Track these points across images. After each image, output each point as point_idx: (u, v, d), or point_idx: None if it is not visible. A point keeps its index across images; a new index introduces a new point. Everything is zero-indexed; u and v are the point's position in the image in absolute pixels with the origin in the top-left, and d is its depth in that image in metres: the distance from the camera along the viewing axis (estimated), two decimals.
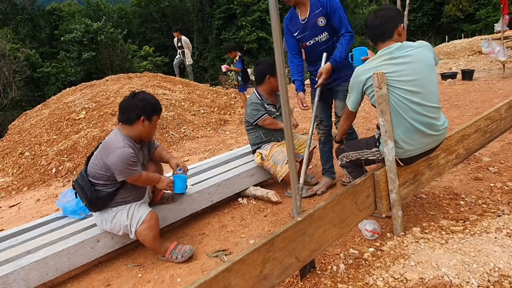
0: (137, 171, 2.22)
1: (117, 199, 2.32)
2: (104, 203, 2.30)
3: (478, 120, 2.70)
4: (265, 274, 1.56)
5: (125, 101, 2.29)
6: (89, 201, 2.26)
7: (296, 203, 1.79)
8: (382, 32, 2.09)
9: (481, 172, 2.97)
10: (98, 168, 2.24)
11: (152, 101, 2.32)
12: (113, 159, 2.15)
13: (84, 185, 2.26)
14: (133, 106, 2.24)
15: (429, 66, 2.03)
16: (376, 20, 2.10)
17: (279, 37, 1.56)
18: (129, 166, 2.17)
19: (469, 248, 1.72)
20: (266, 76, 3.15)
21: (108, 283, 2.29)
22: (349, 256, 2.06)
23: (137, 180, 2.26)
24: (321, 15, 2.74)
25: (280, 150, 3.10)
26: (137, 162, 2.23)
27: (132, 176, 2.21)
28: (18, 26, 29.46)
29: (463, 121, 4.55)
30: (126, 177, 2.20)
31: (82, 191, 2.26)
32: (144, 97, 2.30)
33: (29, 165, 5.14)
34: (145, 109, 2.26)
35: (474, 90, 6.69)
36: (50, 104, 7.84)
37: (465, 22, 31.59)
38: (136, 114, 2.24)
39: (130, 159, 2.17)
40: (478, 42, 14.31)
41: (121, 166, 2.15)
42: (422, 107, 1.99)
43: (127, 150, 2.17)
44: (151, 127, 2.33)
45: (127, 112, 2.25)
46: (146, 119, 2.27)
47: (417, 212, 2.47)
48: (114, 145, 2.19)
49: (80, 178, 2.31)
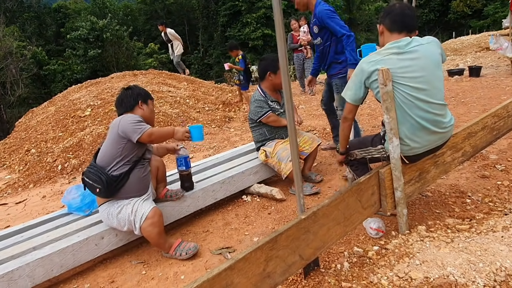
0: (147, 126, 2.31)
1: (124, 191, 2.31)
2: (119, 185, 2.29)
3: (485, 117, 2.66)
4: (268, 272, 1.56)
5: (119, 97, 2.48)
6: (105, 184, 2.23)
7: (300, 200, 1.78)
8: (410, 23, 2.05)
9: (488, 170, 2.94)
10: (110, 148, 2.29)
11: (142, 89, 2.54)
12: (123, 122, 2.28)
13: (96, 170, 2.26)
14: (128, 96, 2.44)
15: (436, 62, 2.00)
16: (408, 10, 2.07)
17: (282, 34, 1.55)
18: (139, 122, 2.29)
19: (475, 247, 1.70)
20: (267, 73, 3.14)
21: (112, 279, 2.30)
22: (353, 254, 2.04)
23: (151, 135, 2.28)
24: (316, 24, 3.42)
25: (285, 147, 3.09)
26: (144, 121, 2.35)
27: (145, 131, 2.26)
28: (24, 24, 29.65)
29: (470, 118, 4.50)
30: (140, 134, 2.25)
31: (95, 176, 2.24)
32: (135, 86, 2.52)
33: (35, 162, 5.17)
34: (140, 94, 2.47)
35: (482, 87, 6.61)
36: (56, 102, 7.89)
37: (472, 18, 31.27)
38: (134, 100, 2.43)
39: (138, 118, 2.32)
40: (486, 38, 14.13)
41: (131, 123, 2.26)
42: (427, 104, 1.96)
43: (131, 115, 2.36)
44: (150, 110, 2.51)
45: (124, 103, 2.44)
46: (143, 102, 2.46)
47: (422, 210, 2.44)
48: (118, 119, 2.34)
49: (90, 167, 2.31)
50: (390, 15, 2.07)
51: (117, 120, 2.32)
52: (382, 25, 2.13)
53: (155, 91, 7.35)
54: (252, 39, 30.39)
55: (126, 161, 2.30)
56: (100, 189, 2.25)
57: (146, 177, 2.44)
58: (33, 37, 28.98)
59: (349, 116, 2.21)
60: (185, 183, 2.82)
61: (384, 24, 2.11)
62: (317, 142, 3.27)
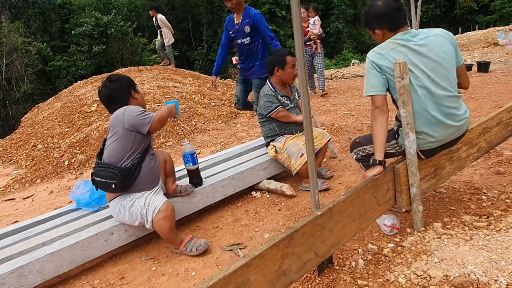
0: (152, 114, 2.26)
1: (137, 182, 2.27)
2: (134, 176, 2.25)
3: (500, 113, 2.60)
4: (284, 270, 1.52)
5: (106, 91, 2.30)
6: (121, 177, 2.19)
7: (315, 196, 1.74)
8: (405, 15, 1.98)
9: (503, 166, 2.88)
10: (120, 144, 2.21)
11: (125, 76, 2.41)
12: (127, 117, 2.19)
13: (107, 166, 2.21)
14: (119, 89, 2.30)
15: (445, 53, 1.94)
16: (397, 2, 1.97)
17: (299, 26, 1.50)
18: (143, 113, 2.23)
19: (495, 245, 1.66)
20: (275, 68, 3.10)
21: (122, 275, 2.28)
22: (368, 251, 2.00)
23: (159, 121, 2.27)
24: (248, 24, 3.76)
25: (295, 143, 3.05)
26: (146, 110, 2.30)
27: (153, 120, 2.23)
28: (29, 20, 29.68)
29: (482, 113, 4.43)
30: (150, 124, 2.21)
31: (108, 173, 2.20)
32: (117, 76, 2.37)
33: (42, 157, 5.17)
34: (128, 84, 2.35)
35: (492, 82, 6.52)
36: (62, 97, 7.89)
37: (479, 13, 30.94)
38: (127, 92, 2.32)
39: (140, 109, 2.24)
40: (493, 33, 13.97)
41: (137, 115, 2.20)
42: (439, 97, 1.91)
43: (133, 106, 2.27)
44: (141, 95, 2.44)
45: (117, 98, 2.29)
46: (135, 91, 2.37)
47: (437, 207, 2.40)
48: (121, 110, 2.23)
49: (98, 166, 2.26)
50: (386, 17, 1.97)
51: (118, 115, 2.22)
52: (380, 30, 2.03)
53: (161, 86, 7.32)
54: None
55: (137, 153, 2.27)
56: (116, 183, 2.21)
57: (157, 167, 2.42)
58: (38, 33, 29.03)
59: (380, 111, 1.93)
60: (194, 179, 2.79)
61: (382, 28, 2.02)
62: (327, 138, 3.23)
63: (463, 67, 2.08)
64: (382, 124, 1.94)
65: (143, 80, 7.55)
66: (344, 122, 5.20)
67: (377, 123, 1.95)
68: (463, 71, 2.09)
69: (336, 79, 10.43)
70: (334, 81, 10.03)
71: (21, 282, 2.04)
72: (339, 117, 5.58)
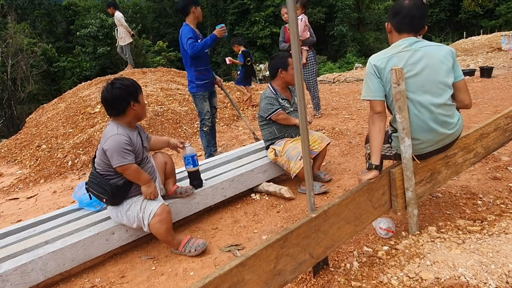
0: (128, 160, 2.21)
1: (132, 190, 2.35)
2: (124, 193, 2.32)
3: (497, 119, 2.63)
4: (279, 270, 1.56)
5: (106, 95, 2.25)
6: (111, 194, 2.27)
7: (311, 199, 1.78)
8: (418, 25, 1.99)
9: (500, 171, 2.91)
10: (103, 160, 2.26)
11: (130, 83, 2.31)
12: (108, 143, 2.18)
13: (99, 181, 2.28)
14: (118, 97, 2.23)
15: (443, 64, 1.96)
16: (417, 10, 1.97)
17: (296, 31, 1.55)
18: (122, 152, 2.18)
19: (487, 249, 1.69)
20: (279, 70, 3.14)
21: (122, 274, 2.32)
22: (363, 254, 2.04)
23: (127, 169, 2.22)
24: None
25: (294, 146, 3.09)
26: (130, 151, 2.22)
27: (123, 163, 2.19)
28: (35, 21, 29.92)
29: (481, 119, 4.45)
30: (118, 164, 2.19)
31: (99, 188, 2.28)
32: (122, 83, 2.27)
33: (46, 157, 5.24)
34: (130, 93, 2.27)
35: (493, 87, 6.54)
36: (66, 98, 7.97)
37: (484, 17, 30.84)
38: (125, 102, 2.25)
39: (124, 146, 2.19)
40: (498, 38, 13.96)
41: (115, 150, 2.17)
42: (433, 105, 1.94)
43: (121, 137, 2.20)
44: (141, 106, 2.35)
45: (115, 105, 2.25)
46: (135, 102, 2.29)
47: (433, 211, 2.43)
48: (110, 132, 2.23)
49: (92, 177, 2.34)
50: (398, 17, 2.01)
51: (108, 134, 2.23)
52: (390, 24, 2.08)
53: (164, 88, 7.39)
54: (260, 37, 30.36)
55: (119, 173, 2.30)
56: (107, 199, 2.31)
57: (152, 172, 2.46)
58: (43, 34, 29.24)
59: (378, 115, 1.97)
60: (194, 181, 2.83)
61: (392, 24, 2.06)
62: (327, 142, 3.27)
63: (463, 82, 2.04)
64: (380, 130, 1.99)
65: (147, 82, 7.62)
66: (345, 126, 5.24)
67: (375, 129, 2.00)
68: (463, 86, 2.05)
69: (338, 82, 10.47)
70: (336, 85, 10.07)
71: (24, 279, 2.09)
72: (340, 121, 5.61)
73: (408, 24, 2.00)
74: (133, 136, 2.33)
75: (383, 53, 2.01)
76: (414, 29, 2.01)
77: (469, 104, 2.11)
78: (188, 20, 3.79)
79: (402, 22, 2.01)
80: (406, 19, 1.99)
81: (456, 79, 2.02)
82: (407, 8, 1.98)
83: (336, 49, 33.57)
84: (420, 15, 1.98)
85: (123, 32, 8.83)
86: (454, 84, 2.01)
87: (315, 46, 5.85)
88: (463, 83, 2.05)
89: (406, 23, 2.00)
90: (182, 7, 3.78)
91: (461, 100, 2.07)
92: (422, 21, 2.01)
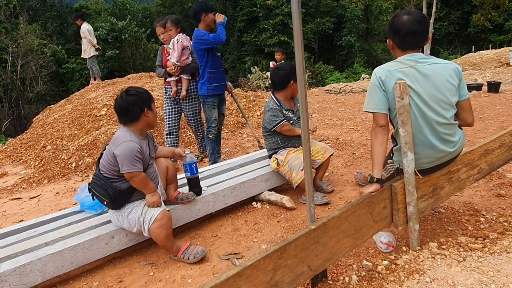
0: (138, 168, 2.25)
1: (134, 194, 2.36)
2: (126, 198, 2.34)
3: (503, 135, 2.62)
4: (276, 281, 1.55)
5: (121, 102, 2.29)
6: (112, 198, 2.28)
7: (311, 210, 1.77)
8: (421, 41, 1.95)
9: (504, 188, 2.88)
10: (110, 163, 2.28)
11: (144, 90, 2.39)
12: (120, 149, 2.22)
13: (103, 183, 2.30)
14: (132, 104, 2.28)
15: (448, 83, 1.94)
16: (418, 26, 1.91)
17: (300, 41, 1.56)
18: (133, 160, 2.22)
19: (487, 267, 1.67)
20: (290, 81, 3.13)
21: (120, 279, 2.32)
22: (362, 267, 2.02)
23: (135, 176, 2.25)
24: None
25: (296, 156, 3.09)
26: (140, 160, 2.26)
27: (132, 171, 2.22)
28: (46, 23, 30.33)
29: (487, 134, 4.42)
30: (127, 171, 2.22)
31: (102, 190, 2.29)
32: (136, 90, 2.34)
33: (50, 158, 5.27)
34: (144, 100, 2.33)
35: (500, 103, 6.50)
36: (73, 100, 8.04)
37: (493, 32, 30.81)
38: (140, 109, 2.30)
39: (135, 154, 2.23)
40: (506, 53, 13.93)
41: (126, 157, 2.20)
42: (436, 123, 1.94)
43: (134, 145, 2.25)
44: (154, 114, 2.41)
45: (129, 112, 2.29)
46: (148, 109, 2.34)
47: (434, 226, 2.41)
48: (123, 138, 2.27)
49: (96, 179, 2.35)
50: (399, 34, 1.95)
51: (120, 139, 2.26)
52: (391, 41, 2.03)
53: None
54: (268, 45, 30.51)
55: None
56: (108, 202, 2.32)
57: (154, 177, 2.47)
58: (54, 36, 29.60)
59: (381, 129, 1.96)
60: (193, 188, 2.82)
61: (394, 41, 2.01)
62: (330, 152, 3.26)
63: (467, 101, 2.03)
64: (383, 143, 1.97)
65: (153, 86, 7.67)
66: (349, 137, 5.22)
67: (378, 142, 1.98)
68: (467, 105, 2.03)
69: (344, 93, 10.47)
70: (342, 95, 10.07)
71: (23, 280, 2.09)
72: (344, 132, 5.60)
73: (410, 42, 1.95)
74: (144, 144, 2.36)
75: (389, 66, 1.99)
76: (418, 46, 1.98)
77: (471, 123, 2.09)
78: (200, 26, 3.87)
79: (404, 41, 1.96)
80: (408, 36, 1.93)
81: (461, 98, 2.00)
82: (407, 24, 1.92)
83: (343, 59, 33.63)
84: (422, 30, 1.93)
85: (86, 44, 8.92)
86: (458, 103, 1.99)
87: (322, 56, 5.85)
88: (467, 102, 2.03)
89: (408, 41, 1.95)
90: (194, 14, 3.91)
91: (464, 119, 2.06)
92: (424, 35, 1.97)
